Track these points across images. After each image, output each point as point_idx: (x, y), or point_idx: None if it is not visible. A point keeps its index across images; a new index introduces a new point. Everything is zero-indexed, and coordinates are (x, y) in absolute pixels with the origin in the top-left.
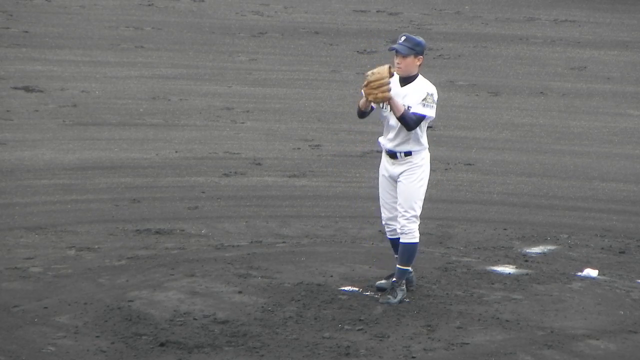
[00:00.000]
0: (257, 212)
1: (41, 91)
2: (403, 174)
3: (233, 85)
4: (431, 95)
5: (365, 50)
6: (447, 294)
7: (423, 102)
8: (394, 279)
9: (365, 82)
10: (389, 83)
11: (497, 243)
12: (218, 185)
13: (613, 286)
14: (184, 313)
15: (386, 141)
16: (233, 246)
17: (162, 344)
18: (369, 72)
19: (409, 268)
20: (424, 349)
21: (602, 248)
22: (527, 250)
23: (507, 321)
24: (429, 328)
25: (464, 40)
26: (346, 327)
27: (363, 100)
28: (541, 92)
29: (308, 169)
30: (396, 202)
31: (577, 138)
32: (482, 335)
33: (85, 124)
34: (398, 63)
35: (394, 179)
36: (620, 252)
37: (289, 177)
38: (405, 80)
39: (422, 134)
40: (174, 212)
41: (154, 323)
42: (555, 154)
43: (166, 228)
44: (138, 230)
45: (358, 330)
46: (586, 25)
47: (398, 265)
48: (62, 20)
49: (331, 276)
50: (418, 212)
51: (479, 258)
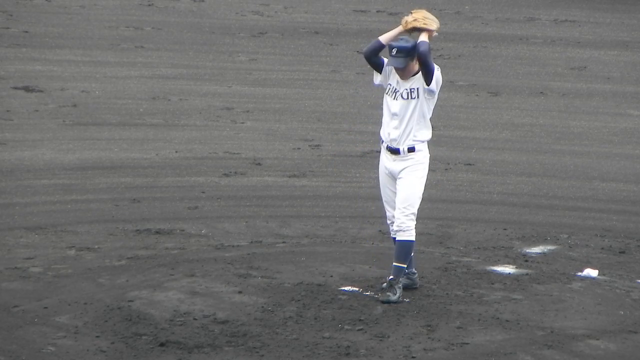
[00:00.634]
0: (257, 212)
1: (41, 91)
2: (405, 170)
3: (233, 85)
4: (438, 69)
5: None
6: (447, 294)
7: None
8: (392, 277)
9: (415, 11)
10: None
11: (497, 243)
12: (218, 185)
13: (613, 286)
14: (184, 313)
15: (390, 131)
16: (233, 246)
17: (162, 344)
18: (418, 10)
19: (405, 265)
20: (424, 349)
21: (602, 248)
22: (527, 250)
23: (507, 321)
24: (429, 328)
25: (464, 40)
26: (346, 327)
27: (392, 33)
28: (541, 92)
29: (308, 169)
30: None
31: (577, 138)
32: (482, 335)
33: (85, 124)
34: (399, 74)
35: (394, 176)
36: (620, 252)
37: (289, 177)
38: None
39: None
40: (174, 212)
41: (154, 323)
42: (555, 154)
43: (166, 228)
44: (138, 230)
45: (358, 330)
46: (586, 25)
47: (395, 263)
48: (62, 20)
49: (331, 276)
50: (417, 210)
51: (479, 258)
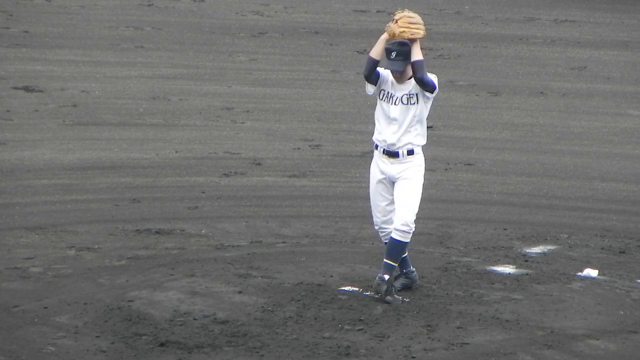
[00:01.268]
0: (257, 212)
1: (41, 91)
2: (405, 172)
3: (233, 85)
4: (435, 77)
5: (365, 50)
6: (447, 294)
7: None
8: (386, 276)
9: (398, 17)
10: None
11: (497, 243)
12: (218, 185)
13: (613, 286)
14: (184, 313)
15: (388, 137)
16: (233, 246)
17: (162, 344)
18: (400, 12)
19: (397, 264)
20: (424, 349)
21: (602, 248)
22: (527, 250)
23: (507, 321)
24: (429, 328)
25: (464, 40)
26: (346, 327)
27: (380, 45)
28: (541, 92)
29: (308, 169)
30: (390, 205)
31: (577, 138)
32: (482, 335)
33: (85, 124)
34: (396, 77)
35: (391, 180)
36: (620, 252)
37: (289, 177)
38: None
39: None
40: (174, 212)
41: (154, 323)
42: (555, 154)
43: (166, 228)
44: (138, 230)
45: (358, 330)
46: (586, 25)
47: (388, 260)
48: (62, 20)
49: (331, 276)
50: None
51: (479, 258)
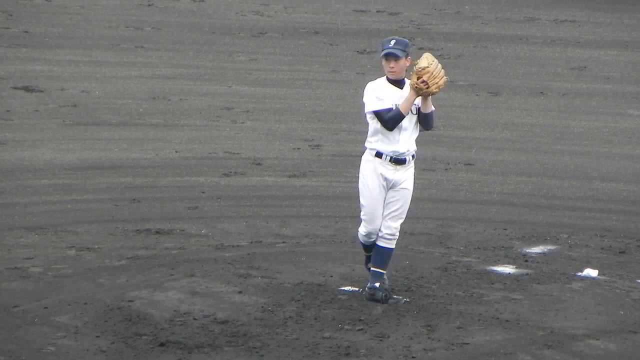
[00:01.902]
0: (257, 212)
1: (41, 91)
2: (406, 182)
3: (233, 85)
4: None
5: (365, 50)
6: (447, 294)
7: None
8: (377, 284)
9: (423, 73)
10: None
11: (497, 243)
12: (218, 185)
13: (613, 286)
14: (184, 313)
15: (399, 147)
16: (233, 246)
17: (162, 344)
18: (423, 64)
19: (385, 272)
20: (424, 349)
21: (602, 248)
22: (527, 250)
23: (507, 321)
24: (429, 328)
25: (464, 40)
26: (346, 327)
27: (410, 102)
28: (541, 92)
29: (308, 169)
30: (385, 211)
31: (577, 138)
32: (482, 335)
33: (85, 124)
34: (392, 67)
35: (395, 185)
36: (620, 252)
37: (289, 177)
38: (398, 82)
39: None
40: (174, 212)
41: (154, 323)
42: (555, 154)
43: (166, 228)
44: (138, 230)
45: (358, 330)
46: (586, 25)
47: (376, 268)
48: (62, 20)
49: (331, 276)
50: None
51: (479, 258)
